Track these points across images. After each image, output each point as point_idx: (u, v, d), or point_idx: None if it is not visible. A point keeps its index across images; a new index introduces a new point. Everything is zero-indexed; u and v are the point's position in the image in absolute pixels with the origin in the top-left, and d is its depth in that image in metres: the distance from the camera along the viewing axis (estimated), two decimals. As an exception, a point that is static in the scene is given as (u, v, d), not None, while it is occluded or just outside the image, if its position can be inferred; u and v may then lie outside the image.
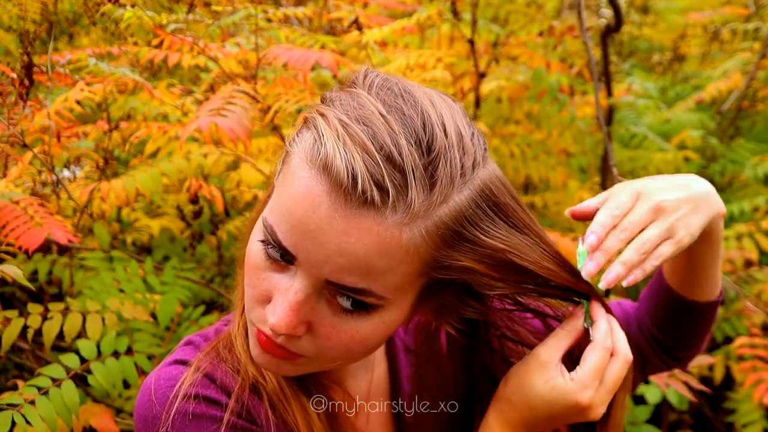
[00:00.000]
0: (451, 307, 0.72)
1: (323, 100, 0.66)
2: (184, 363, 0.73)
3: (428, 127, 0.60)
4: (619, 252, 0.71)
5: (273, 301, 0.64)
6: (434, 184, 0.60)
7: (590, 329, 0.72)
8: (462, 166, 0.62)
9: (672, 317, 0.91)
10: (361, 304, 0.62)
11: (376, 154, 0.58)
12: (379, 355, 0.86)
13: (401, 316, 0.67)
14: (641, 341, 0.94)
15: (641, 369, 0.95)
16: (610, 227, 0.71)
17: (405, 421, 0.84)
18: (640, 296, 0.98)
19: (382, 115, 0.60)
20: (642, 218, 0.72)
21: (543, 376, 0.70)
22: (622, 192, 0.74)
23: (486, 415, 0.74)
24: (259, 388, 0.73)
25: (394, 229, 0.59)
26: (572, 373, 0.70)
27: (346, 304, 0.62)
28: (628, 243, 0.71)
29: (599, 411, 0.71)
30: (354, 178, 0.57)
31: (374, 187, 0.57)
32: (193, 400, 0.69)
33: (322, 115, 0.62)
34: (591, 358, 0.70)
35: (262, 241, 0.64)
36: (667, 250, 0.72)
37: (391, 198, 0.58)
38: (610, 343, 0.71)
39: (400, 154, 0.58)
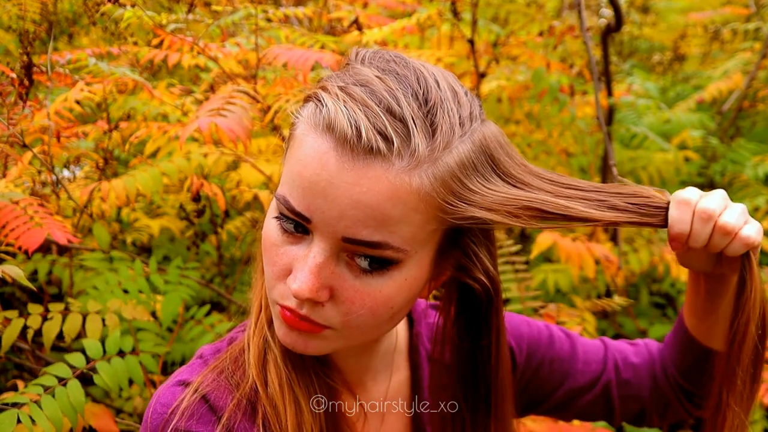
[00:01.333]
0: (466, 265, 0.73)
1: (320, 81, 0.68)
2: (186, 384, 0.73)
3: (422, 82, 0.64)
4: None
5: (294, 270, 0.65)
6: (435, 131, 0.62)
7: None
8: (459, 117, 0.65)
9: (694, 365, 0.88)
10: (380, 261, 0.63)
11: (376, 107, 0.60)
12: (403, 361, 0.87)
13: (423, 273, 0.68)
14: (665, 387, 0.92)
15: (662, 414, 0.93)
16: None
17: (423, 429, 0.84)
18: (665, 338, 0.95)
19: (378, 77, 0.63)
20: (721, 200, 0.68)
21: None
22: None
23: None
24: (256, 404, 0.73)
25: (403, 175, 0.61)
26: None
27: (365, 264, 0.63)
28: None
29: None
30: (358, 130, 0.59)
31: (378, 137, 0.60)
32: (184, 429, 0.69)
33: (321, 88, 0.65)
34: None
35: (276, 217, 0.66)
36: (752, 231, 0.68)
37: (395, 145, 0.60)
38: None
39: (399, 105, 0.61)
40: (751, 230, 0.68)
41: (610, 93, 2.03)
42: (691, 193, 0.69)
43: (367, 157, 0.60)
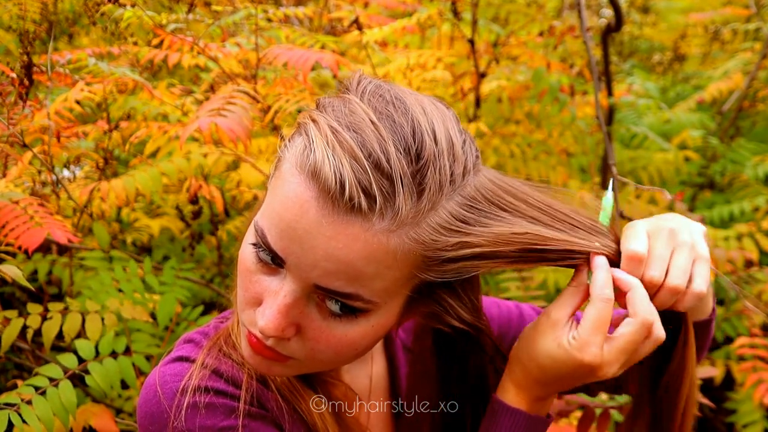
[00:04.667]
0: (438, 313, 0.72)
1: (317, 106, 0.66)
2: (186, 359, 0.73)
3: (418, 135, 0.61)
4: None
5: (263, 303, 0.64)
6: (422, 191, 0.60)
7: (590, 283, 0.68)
8: (451, 174, 0.62)
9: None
10: (350, 308, 0.63)
11: (364, 161, 0.58)
12: (378, 353, 0.87)
13: (390, 320, 0.68)
14: None
15: (639, 380, 0.93)
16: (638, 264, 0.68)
17: (403, 418, 0.85)
18: None
19: (372, 122, 0.60)
20: (666, 248, 0.68)
21: (552, 335, 0.68)
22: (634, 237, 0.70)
23: (502, 378, 0.74)
24: (266, 379, 0.73)
25: (381, 236, 0.59)
26: (574, 331, 0.67)
27: (335, 308, 0.63)
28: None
29: (610, 370, 0.67)
30: (342, 185, 0.58)
31: (362, 194, 0.58)
32: (204, 392, 0.69)
33: (313, 120, 0.63)
34: (588, 312, 0.67)
35: (254, 244, 0.65)
36: (704, 270, 0.68)
37: (378, 205, 0.58)
38: (609, 293, 0.66)
39: (388, 162, 0.59)
40: (701, 284, 0.68)
41: (610, 93, 2.03)
42: (640, 245, 0.67)
43: (348, 214, 0.59)
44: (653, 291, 0.68)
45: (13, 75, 1.41)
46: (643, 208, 1.93)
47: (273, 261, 0.64)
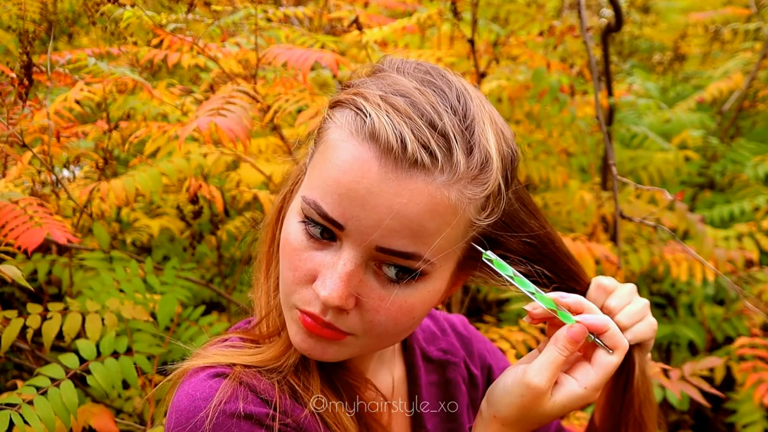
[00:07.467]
0: (484, 278, 0.75)
1: (351, 86, 0.68)
2: (221, 375, 0.71)
3: (461, 97, 0.65)
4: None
5: (321, 276, 0.64)
6: (473, 147, 0.64)
7: (597, 340, 0.71)
8: (494, 132, 0.67)
9: None
10: (408, 271, 0.64)
11: (419, 120, 0.61)
12: (398, 361, 0.87)
13: (443, 285, 0.69)
14: None
15: None
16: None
17: (423, 426, 0.85)
18: None
19: (417, 88, 0.64)
20: (627, 295, 0.79)
21: (544, 401, 0.68)
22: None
23: None
24: (295, 391, 0.72)
25: (444, 189, 0.62)
26: (581, 380, 0.70)
27: (392, 273, 0.64)
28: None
29: (595, 395, 0.71)
30: (403, 142, 0.60)
31: (422, 150, 0.60)
32: (239, 413, 0.66)
33: (358, 94, 0.65)
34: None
35: (303, 221, 0.65)
36: (643, 328, 0.79)
37: (439, 159, 0.61)
38: (626, 343, 0.72)
39: (441, 120, 0.62)
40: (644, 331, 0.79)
41: (610, 93, 2.02)
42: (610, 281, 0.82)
43: (410, 170, 0.60)
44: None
45: (13, 75, 1.41)
46: (643, 208, 1.92)
47: (323, 234, 0.64)
